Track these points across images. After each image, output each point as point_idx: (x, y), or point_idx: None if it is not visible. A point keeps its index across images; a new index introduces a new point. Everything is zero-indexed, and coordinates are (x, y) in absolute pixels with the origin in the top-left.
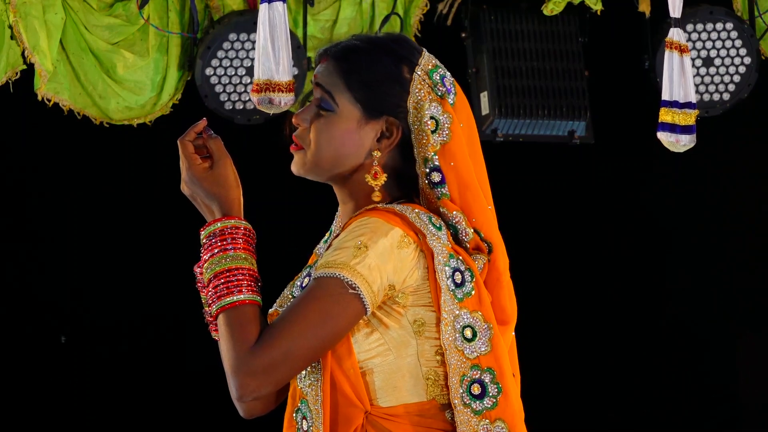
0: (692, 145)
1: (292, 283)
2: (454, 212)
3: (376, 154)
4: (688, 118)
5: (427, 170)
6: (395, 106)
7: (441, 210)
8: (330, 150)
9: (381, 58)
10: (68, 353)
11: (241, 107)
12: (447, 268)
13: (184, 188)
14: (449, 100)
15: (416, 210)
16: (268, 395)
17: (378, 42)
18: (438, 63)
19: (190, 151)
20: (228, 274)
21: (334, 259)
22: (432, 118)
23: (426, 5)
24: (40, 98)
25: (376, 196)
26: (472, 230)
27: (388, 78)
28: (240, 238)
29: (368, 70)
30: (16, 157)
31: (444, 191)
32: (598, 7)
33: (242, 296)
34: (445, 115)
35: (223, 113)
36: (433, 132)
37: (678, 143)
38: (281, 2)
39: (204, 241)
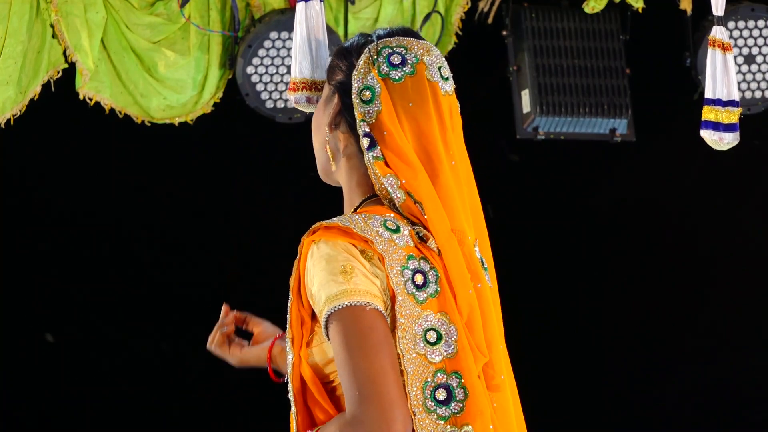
0: (736, 143)
1: None
2: (387, 175)
3: (326, 128)
4: (732, 116)
5: (360, 136)
6: (339, 78)
7: (375, 172)
8: (315, 136)
9: (355, 40)
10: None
11: (282, 106)
12: (407, 270)
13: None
14: (392, 75)
15: (370, 216)
16: (407, 424)
17: (375, 31)
18: (400, 44)
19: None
20: None
21: (331, 293)
22: (367, 88)
23: (467, 3)
24: (81, 97)
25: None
26: (405, 192)
27: (343, 55)
28: None
29: (338, 52)
30: (58, 156)
31: (376, 154)
32: (639, 4)
33: None
34: (378, 85)
35: (264, 112)
36: (368, 102)
37: (721, 141)
38: (318, 1)
39: None
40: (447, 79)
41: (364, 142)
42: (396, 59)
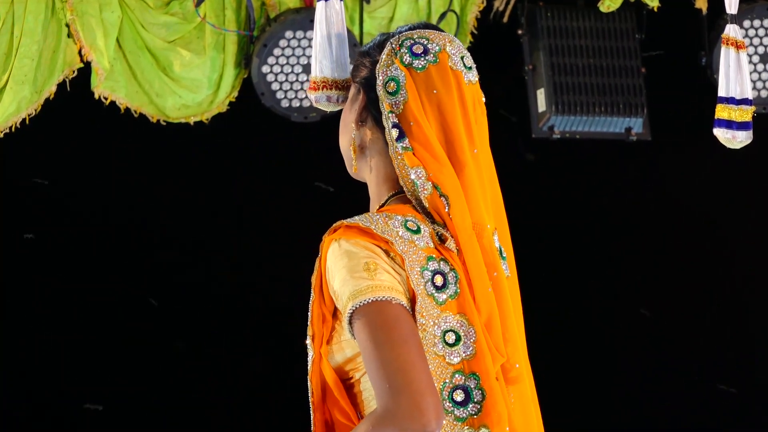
0: (749, 141)
1: None
2: (415, 167)
3: (353, 125)
4: (745, 114)
5: (388, 128)
6: (364, 74)
7: (402, 164)
8: (342, 134)
9: (377, 39)
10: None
11: (298, 105)
12: (426, 271)
13: None
14: (414, 64)
15: (391, 216)
16: (440, 411)
17: (397, 28)
18: (422, 35)
19: None
20: None
21: (355, 289)
22: (392, 79)
23: (482, 2)
24: (96, 97)
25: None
26: (432, 184)
27: (368, 51)
28: None
29: (361, 52)
30: (73, 156)
31: (405, 145)
32: (654, 3)
33: None
34: (402, 75)
35: (279, 111)
36: (393, 93)
37: (734, 140)
38: (338, 0)
39: None
40: (470, 68)
41: (393, 133)
42: (418, 49)
